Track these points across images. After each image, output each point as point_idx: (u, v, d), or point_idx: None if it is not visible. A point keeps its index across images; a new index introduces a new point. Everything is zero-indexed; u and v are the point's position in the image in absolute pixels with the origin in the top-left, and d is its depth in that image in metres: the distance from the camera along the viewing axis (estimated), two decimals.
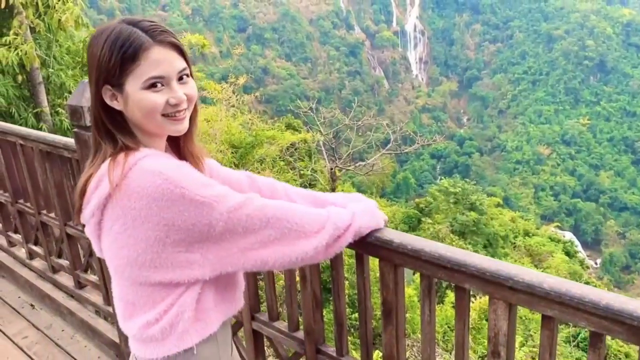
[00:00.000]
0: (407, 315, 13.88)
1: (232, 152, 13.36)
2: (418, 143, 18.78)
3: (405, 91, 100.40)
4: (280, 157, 15.41)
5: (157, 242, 1.23)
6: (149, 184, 1.20)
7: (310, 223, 1.34)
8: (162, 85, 1.27)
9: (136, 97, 1.26)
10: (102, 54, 1.25)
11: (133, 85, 1.25)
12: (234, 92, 15.15)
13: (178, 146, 1.46)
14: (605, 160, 79.57)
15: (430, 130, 68.80)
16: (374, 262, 2.11)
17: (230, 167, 8.77)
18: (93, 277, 3.16)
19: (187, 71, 1.32)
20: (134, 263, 1.27)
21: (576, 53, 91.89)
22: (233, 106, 15.14)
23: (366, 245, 1.55)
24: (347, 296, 1.72)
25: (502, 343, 1.39)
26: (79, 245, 3.25)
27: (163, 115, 1.29)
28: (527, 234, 32.44)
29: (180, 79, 1.30)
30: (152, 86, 1.26)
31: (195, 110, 1.39)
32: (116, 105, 1.30)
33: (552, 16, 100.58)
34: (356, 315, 9.48)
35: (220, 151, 12.24)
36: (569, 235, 46.94)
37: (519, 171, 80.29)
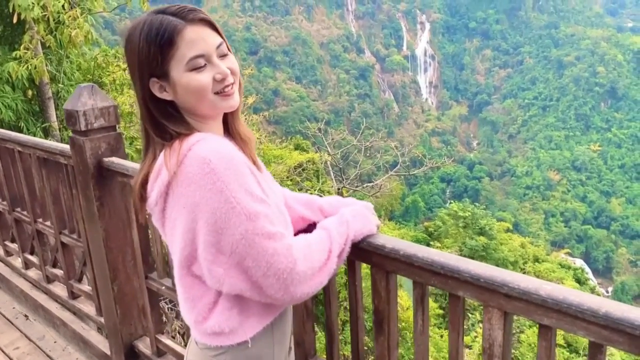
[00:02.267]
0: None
1: None
2: (427, 165, 18.73)
3: (415, 114, 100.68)
4: (287, 177, 15.39)
5: (197, 236, 1.22)
6: (198, 171, 1.19)
7: (322, 254, 1.32)
8: (205, 63, 1.26)
9: (183, 81, 1.26)
10: (140, 47, 1.24)
11: (177, 70, 1.25)
12: (242, 112, 15.22)
13: (227, 128, 1.44)
14: (617, 187, 78.82)
15: (440, 154, 68.71)
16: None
17: None
18: (86, 288, 3.10)
19: (224, 45, 1.31)
20: (182, 251, 1.27)
21: (587, 79, 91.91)
22: None
23: (358, 251, 1.49)
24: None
25: (497, 355, 1.31)
26: (73, 255, 3.20)
27: (214, 93, 1.28)
28: (537, 260, 31.99)
29: (220, 54, 1.30)
30: (194, 68, 1.25)
31: (240, 85, 1.38)
32: (166, 96, 1.29)
33: (563, 42, 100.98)
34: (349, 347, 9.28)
35: None
36: (579, 262, 46.33)
37: (529, 196, 79.67)
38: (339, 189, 16.83)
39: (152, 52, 1.24)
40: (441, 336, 15.62)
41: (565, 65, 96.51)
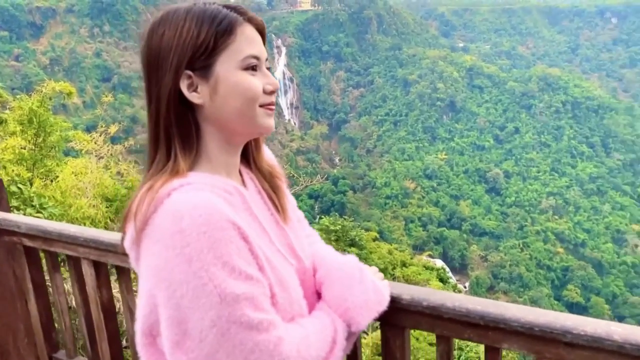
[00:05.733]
0: None
1: (107, 206, 12.20)
2: (302, 184, 18.94)
3: (279, 135, 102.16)
4: None
5: (160, 306, 0.93)
6: (167, 227, 0.91)
7: (322, 346, 1.04)
8: (257, 68, 1.05)
9: (232, 79, 1.02)
10: (185, 29, 1.02)
11: (227, 64, 1.03)
12: (104, 142, 14.00)
13: (247, 160, 1.20)
14: (463, 191, 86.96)
15: (307, 172, 70.10)
16: None
17: (106, 222, 7.81)
18: None
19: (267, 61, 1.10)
20: (146, 318, 0.98)
21: (429, 95, 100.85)
22: (102, 157, 13.95)
23: None
24: None
25: None
26: None
27: (259, 106, 1.05)
28: (404, 264, 33.74)
29: (266, 67, 1.13)
30: (248, 67, 1.02)
31: None
32: (194, 97, 1.01)
33: (406, 62, 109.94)
34: None
35: (93, 206, 11.10)
36: (440, 263, 49.86)
37: (390, 205, 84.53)
38: None
39: (203, 36, 1.00)
40: None
41: (410, 83, 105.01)
